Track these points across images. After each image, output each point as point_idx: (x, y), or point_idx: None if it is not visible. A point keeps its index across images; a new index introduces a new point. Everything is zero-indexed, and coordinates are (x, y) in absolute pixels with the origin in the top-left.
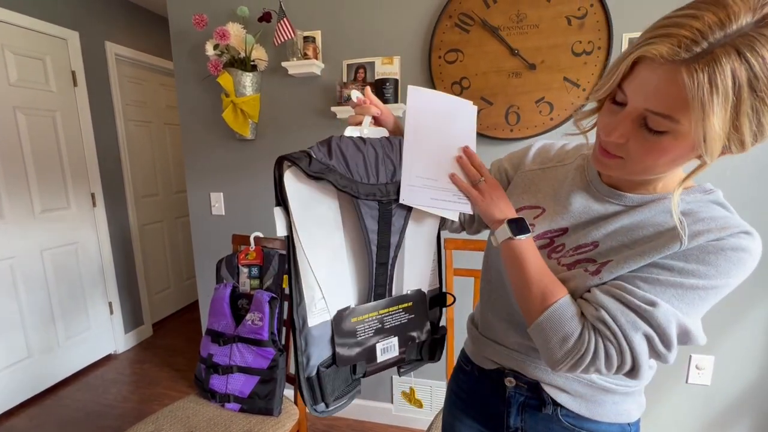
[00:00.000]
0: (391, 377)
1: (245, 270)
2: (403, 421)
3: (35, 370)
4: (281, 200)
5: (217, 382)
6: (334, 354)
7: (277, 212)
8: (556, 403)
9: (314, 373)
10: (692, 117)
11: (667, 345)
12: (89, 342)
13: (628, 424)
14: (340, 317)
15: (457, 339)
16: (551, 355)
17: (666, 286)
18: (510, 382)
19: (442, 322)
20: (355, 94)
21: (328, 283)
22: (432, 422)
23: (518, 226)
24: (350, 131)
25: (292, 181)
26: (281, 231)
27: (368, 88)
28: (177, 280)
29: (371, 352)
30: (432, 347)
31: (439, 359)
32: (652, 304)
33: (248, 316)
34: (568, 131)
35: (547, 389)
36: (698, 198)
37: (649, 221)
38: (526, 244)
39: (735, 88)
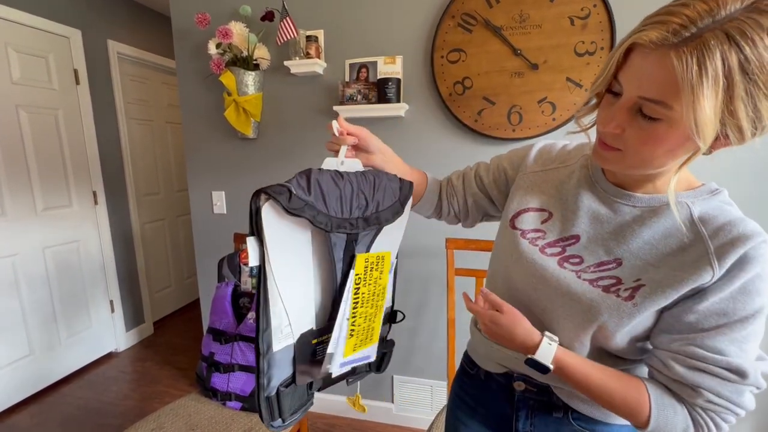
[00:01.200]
0: (392, 377)
1: (247, 269)
2: (403, 420)
3: (37, 368)
4: (255, 231)
5: (218, 381)
6: (293, 374)
7: (251, 242)
8: (567, 407)
9: (274, 392)
10: (683, 100)
11: (761, 387)
12: (90, 340)
13: None
14: (302, 340)
15: (458, 340)
16: None
17: (732, 334)
18: (519, 386)
19: (391, 336)
20: (335, 126)
21: (295, 309)
22: (433, 422)
23: (539, 362)
24: (328, 163)
25: (269, 214)
26: (254, 261)
27: (341, 117)
28: (178, 278)
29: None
30: (379, 361)
31: (384, 370)
32: (742, 374)
33: (250, 315)
34: (570, 130)
35: (559, 393)
36: (707, 199)
37: (669, 232)
38: (565, 367)
39: (725, 71)
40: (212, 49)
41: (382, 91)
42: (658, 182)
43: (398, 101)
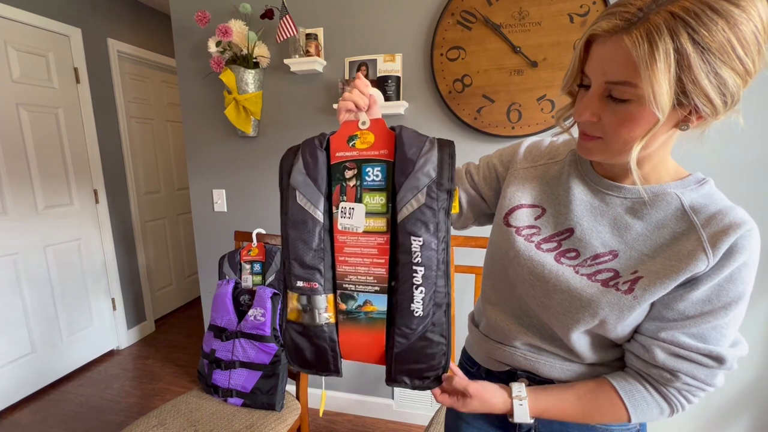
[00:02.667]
0: None
1: (247, 266)
2: (403, 417)
3: (39, 365)
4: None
5: (219, 377)
6: None
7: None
8: None
9: None
10: (641, 76)
11: (732, 370)
12: (92, 337)
13: None
14: None
15: (458, 338)
16: (657, 421)
17: (716, 321)
18: (523, 382)
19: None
20: (370, 89)
21: None
22: (432, 418)
23: (522, 424)
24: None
25: None
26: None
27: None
28: (179, 276)
29: None
30: None
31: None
32: (721, 360)
33: (250, 312)
34: (554, 132)
35: None
36: (695, 188)
37: (662, 223)
38: (542, 413)
39: (675, 45)
40: (212, 47)
41: (382, 88)
42: (645, 171)
43: (398, 99)
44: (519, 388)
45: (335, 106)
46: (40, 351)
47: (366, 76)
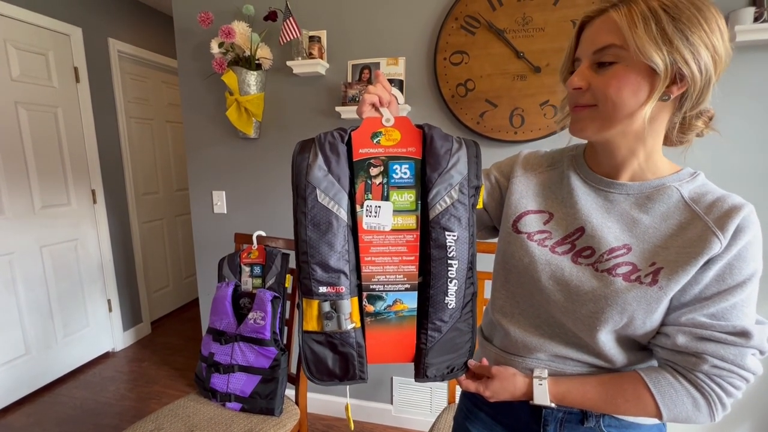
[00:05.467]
0: (392, 378)
1: (247, 269)
2: (402, 422)
3: (33, 367)
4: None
5: (218, 381)
6: None
7: None
8: (599, 414)
9: None
10: (625, 36)
11: (765, 351)
12: (87, 339)
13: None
14: None
15: None
16: (699, 423)
17: (733, 299)
18: (546, 369)
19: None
20: (390, 87)
21: None
22: (433, 424)
23: (542, 405)
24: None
25: None
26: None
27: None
28: (176, 278)
29: None
30: None
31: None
32: (746, 335)
33: (250, 315)
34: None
35: None
36: (690, 181)
37: (667, 215)
38: (563, 397)
39: (651, 12)
40: (214, 48)
41: None
42: (640, 160)
43: (400, 103)
44: (541, 371)
45: (338, 109)
46: (34, 352)
47: (369, 80)
